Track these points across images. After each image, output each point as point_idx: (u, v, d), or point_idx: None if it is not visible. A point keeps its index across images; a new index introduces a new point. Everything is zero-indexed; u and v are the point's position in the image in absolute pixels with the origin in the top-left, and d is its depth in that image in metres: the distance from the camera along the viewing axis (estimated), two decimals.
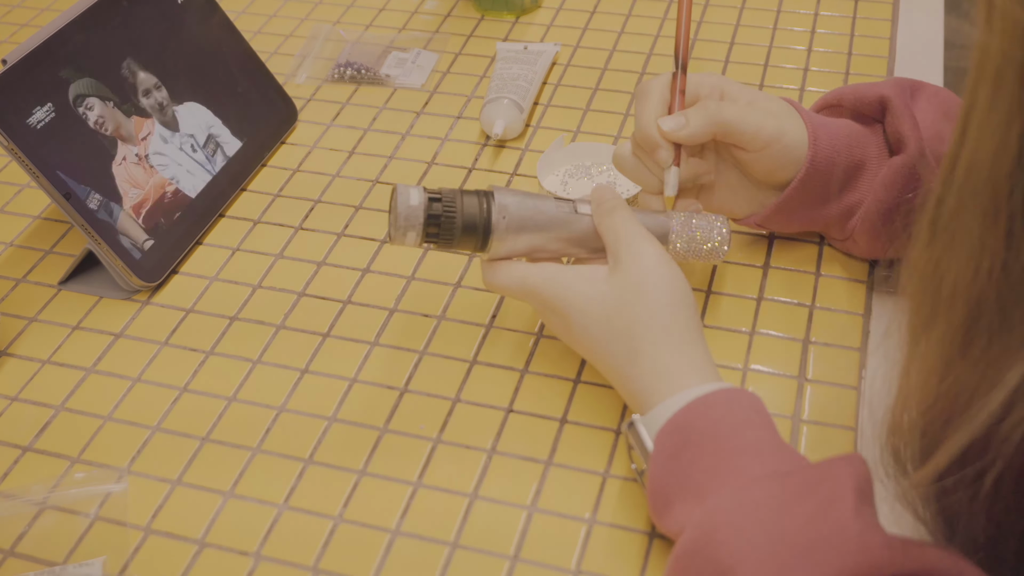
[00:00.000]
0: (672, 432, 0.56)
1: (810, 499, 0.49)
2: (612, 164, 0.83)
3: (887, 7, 1.03)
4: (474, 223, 0.64)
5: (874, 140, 0.71)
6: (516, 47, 0.97)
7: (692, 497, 0.53)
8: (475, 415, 0.67)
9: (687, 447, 0.55)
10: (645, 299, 0.60)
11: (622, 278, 0.61)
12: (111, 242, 0.75)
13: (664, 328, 0.60)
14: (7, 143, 0.72)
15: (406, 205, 0.63)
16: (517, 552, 0.60)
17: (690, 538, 0.51)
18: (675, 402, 0.57)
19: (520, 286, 0.64)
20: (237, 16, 1.08)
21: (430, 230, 0.63)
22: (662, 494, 0.55)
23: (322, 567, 0.60)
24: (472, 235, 0.64)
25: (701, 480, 0.53)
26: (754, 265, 0.76)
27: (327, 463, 0.65)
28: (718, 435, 0.54)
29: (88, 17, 0.79)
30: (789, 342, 0.70)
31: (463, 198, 0.64)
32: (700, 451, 0.54)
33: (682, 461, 0.55)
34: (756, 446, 0.54)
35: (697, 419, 0.56)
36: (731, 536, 0.49)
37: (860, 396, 0.66)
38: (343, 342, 0.73)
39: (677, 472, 0.55)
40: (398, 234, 0.63)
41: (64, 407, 0.70)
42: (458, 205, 0.63)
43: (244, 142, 0.88)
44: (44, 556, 0.61)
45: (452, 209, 0.63)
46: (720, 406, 0.56)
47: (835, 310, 0.72)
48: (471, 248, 0.65)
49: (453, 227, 0.63)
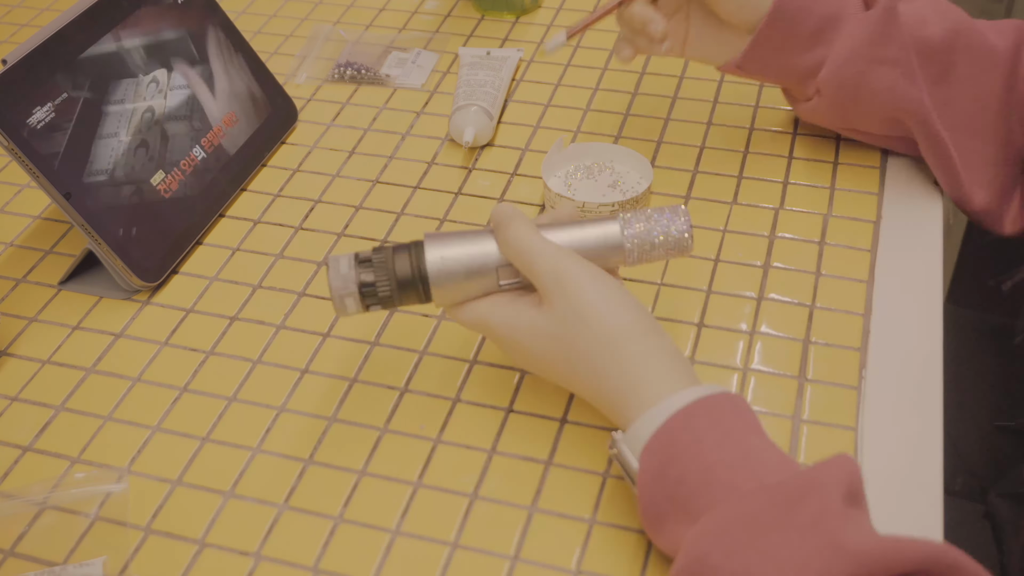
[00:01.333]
0: (655, 451, 0.54)
1: (800, 512, 0.48)
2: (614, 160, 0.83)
3: None
4: (409, 280, 0.62)
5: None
6: (479, 52, 0.97)
7: (683, 515, 0.53)
8: (475, 415, 0.67)
9: (673, 464, 0.54)
10: (588, 325, 0.58)
11: (557, 311, 0.59)
12: (111, 242, 0.75)
13: (620, 347, 0.57)
14: (7, 143, 0.72)
15: (337, 276, 0.62)
16: (517, 552, 0.60)
17: (684, 563, 0.51)
18: (653, 417, 0.55)
19: (482, 326, 0.62)
20: (237, 16, 1.08)
21: (368, 299, 0.62)
22: (653, 513, 0.55)
23: (322, 567, 0.60)
24: (411, 291, 0.62)
25: (689, 498, 0.52)
26: (754, 265, 0.76)
27: (327, 463, 0.65)
28: (702, 448, 0.53)
29: (88, 17, 0.79)
30: (789, 342, 0.70)
31: (394, 257, 0.62)
32: (686, 468, 0.53)
33: (669, 480, 0.54)
34: (742, 456, 0.53)
35: (679, 434, 0.54)
36: (723, 560, 0.49)
37: (860, 396, 0.66)
38: (343, 342, 0.73)
39: (665, 491, 0.54)
40: (338, 308, 0.62)
41: (64, 407, 0.70)
42: (389, 266, 0.62)
43: (244, 142, 0.88)
44: (44, 556, 0.61)
45: (384, 273, 0.62)
46: (701, 416, 0.54)
47: (835, 310, 0.72)
48: (416, 302, 0.63)
49: (390, 290, 0.62)
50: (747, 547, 0.48)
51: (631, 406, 0.57)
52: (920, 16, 0.74)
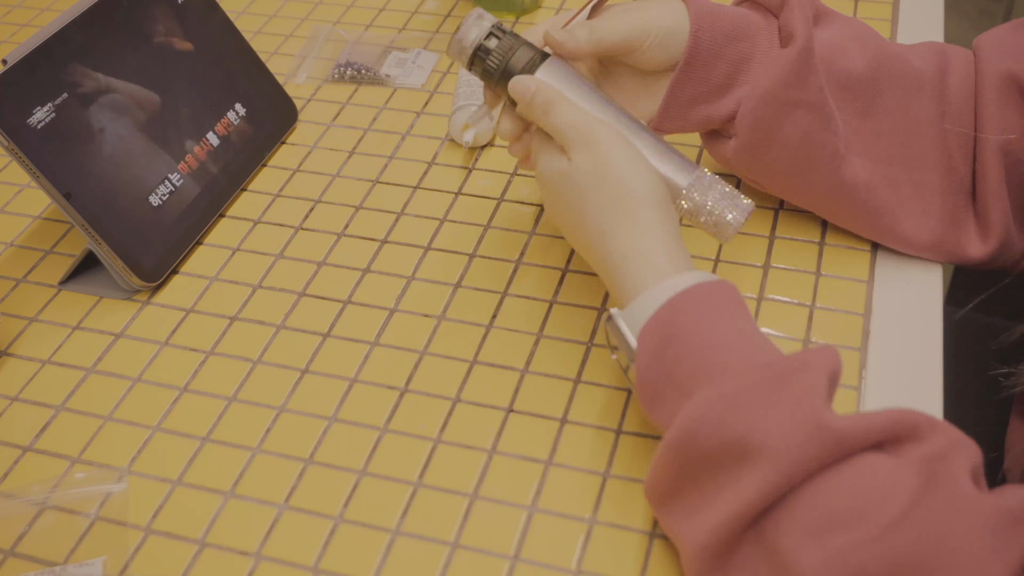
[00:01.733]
0: (654, 331, 0.57)
1: (787, 388, 0.52)
2: None
3: (887, 7, 1.03)
4: (513, 72, 0.67)
5: (766, 34, 0.71)
6: None
7: (678, 392, 0.56)
8: (475, 415, 0.67)
9: (671, 344, 0.57)
10: (608, 181, 0.62)
11: (581, 162, 0.63)
12: (111, 242, 0.75)
13: (632, 210, 0.61)
14: (7, 143, 0.72)
15: (466, 29, 0.67)
16: (517, 552, 0.60)
17: (676, 431, 0.54)
18: (653, 296, 0.58)
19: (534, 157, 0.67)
20: (237, 16, 1.08)
21: (476, 61, 0.68)
22: (650, 391, 0.58)
23: (322, 567, 0.60)
24: (505, 82, 0.67)
25: (685, 376, 0.56)
26: (754, 265, 0.76)
27: (327, 463, 0.65)
28: (699, 331, 0.56)
29: (88, 17, 0.79)
30: (789, 342, 0.70)
31: (519, 46, 0.67)
32: (683, 348, 0.56)
33: (666, 359, 0.57)
34: (735, 339, 0.56)
35: (677, 315, 0.57)
36: (714, 429, 0.52)
37: (860, 396, 0.66)
38: (343, 342, 0.73)
39: (663, 369, 0.57)
40: (454, 47, 0.68)
41: (64, 407, 0.70)
42: (511, 48, 0.67)
43: (244, 142, 0.88)
44: (44, 556, 0.61)
45: (503, 48, 0.67)
46: (699, 301, 0.57)
47: (835, 310, 0.72)
48: (503, 92, 0.68)
49: (498, 62, 0.67)
50: (736, 418, 0.52)
51: (634, 275, 0.60)
52: (840, 47, 0.70)
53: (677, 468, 0.54)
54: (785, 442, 0.50)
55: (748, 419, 0.51)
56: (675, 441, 0.54)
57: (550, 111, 0.64)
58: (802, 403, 0.51)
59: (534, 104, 0.65)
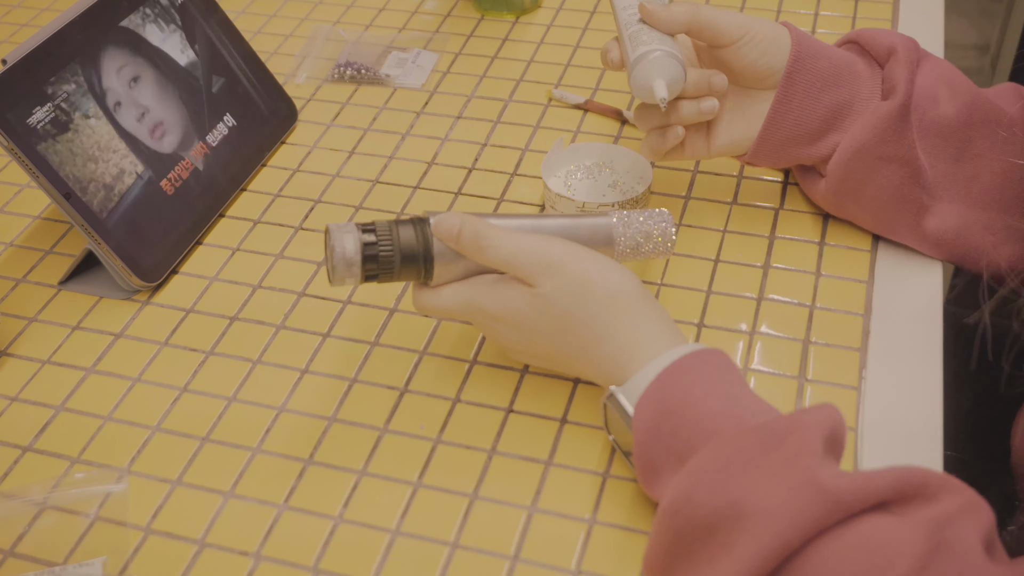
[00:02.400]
0: (649, 403, 0.57)
1: (780, 451, 0.51)
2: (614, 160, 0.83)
3: (887, 7, 1.03)
4: (413, 253, 0.62)
5: (868, 82, 0.72)
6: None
7: (675, 463, 0.56)
8: (475, 415, 0.67)
9: (666, 418, 0.56)
10: (584, 290, 0.61)
11: (554, 285, 0.61)
12: (111, 242, 0.75)
13: (614, 308, 0.61)
14: (7, 143, 0.72)
15: (340, 246, 0.61)
16: (517, 552, 0.60)
17: (670, 499, 0.53)
18: (648, 372, 0.58)
19: (465, 307, 0.63)
20: (237, 16, 1.08)
21: (368, 268, 0.61)
22: (649, 464, 0.57)
23: (322, 567, 0.60)
24: (413, 265, 0.62)
25: (681, 447, 0.55)
26: (754, 265, 0.76)
27: (327, 463, 0.65)
28: (692, 402, 0.56)
29: (88, 17, 0.79)
30: (789, 342, 0.70)
31: (398, 229, 0.62)
32: (679, 421, 0.56)
33: (663, 431, 0.56)
34: (727, 405, 0.56)
35: (669, 389, 0.57)
36: (707, 496, 0.51)
37: (860, 396, 0.66)
38: (343, 342, 0.73)
39: (660, 442, 0.57)
40: (336, 277, 0.61)
41: (64, 407, 0.70)
42: (394, 236, 0.61)
43: (244, 142, 0.88)
44: (44, 556, 0.61)
45: (388, 241, 0.61)
46: (689, 372, 0.57)
47: (835, 310, 0.72)
48: (414, 278, 0.63)
49: (392, 260, 0.61)
50: (729, 484, 0.51)
51: (632, 361, 0.60)
52: (932, 94, 0.71)
53: (672, 537, 0.53)
54: (780, 505, 0.48)
55: (742, 484, 0.50)
56: (669, 509, 0.53)
57: (483, 244, 0.61)
58: (795, 464, 0.49)
59: (463, 239, 0.61)
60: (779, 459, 0.50)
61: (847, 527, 0.48)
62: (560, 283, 0.61)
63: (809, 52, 0.72)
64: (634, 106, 0.75)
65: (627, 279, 0.62)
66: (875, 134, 0.70)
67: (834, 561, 0.47)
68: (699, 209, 0.81)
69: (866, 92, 0.72)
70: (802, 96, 0.71)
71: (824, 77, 0.71)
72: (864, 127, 0.70)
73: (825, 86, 0.71)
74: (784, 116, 0.72)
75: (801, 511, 0.48)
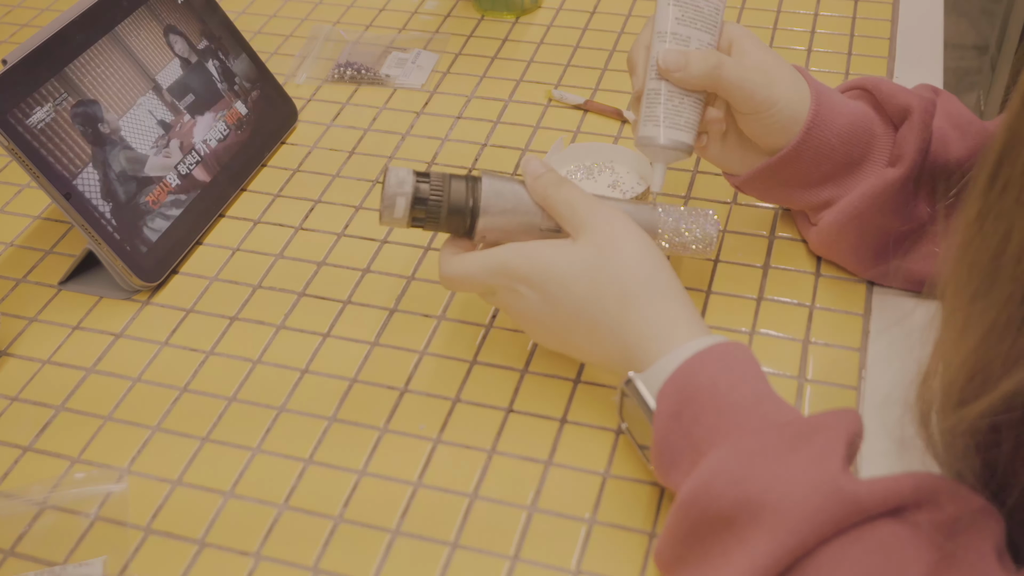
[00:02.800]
0: (672, 392, 0.57)
1: (804, 449, 0.51)
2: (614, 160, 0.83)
3: (887, 7, 1.03)
4: (460, 207, 0.64)
5: (882, 143, 0.70)
6: None
7: (695, 453, 0.55)
8: (475, 415, 0.67)
9: (688, 405, 0.56)
10: (622, 255, 0.60)
11: (592, 240, 0.61)
12: (111, 242, 0.75)
13: (647, 282, 0.60)
14: (7, 143, 0.72)
15: (394, 186, 0.64)
16: (517, 552, 0.60)
17: (690, 488, 0.53)
18: (671, 360, 0.57)
19: (495, 270, 0.63)
20: (237, 16, 1.08)
21: (416, 213, 0.64)
22: (667, 452, 0.56)
23: (322, 567, 0.60)
24: (458, 218, 0.65)
25: (702, 437, 0.55)
26: (754, 265, 0.76)
27: (327, 463, 0.65)
28: (716, 392, 0.56)
29: (88, 17, 0.79)
30: (789, 342, 0.70)
31: (451, 181, 0.65)
32: (701, 409, 0.55)
33: (684, 420, 0.56)
34: (752, 400, 0.55)
35: (695, 377, 0.56)
36: (726, 488, 0.51)
37: (860, 396, 0.66)
38: (343, 342, 0.73)
39: (680, 431, 0.56)
40: (386, 213, 0.64)
41: (64, 407, 0.70)
42: (445, 188, 0.64)
43: (244, 142, 0.88)
44: (44, 556, 0.61)
45: (439, 192, 0.64)
46: (716, 362, 0.57)
47: (835, 310, 0.72)
48: (458, 230, 0.65)
49: (440, 209, 0.64)
50: (750, 478, 0.50)
51: (653, 347, 0.59)
52: (941, 137, 0.69)
53: (688, 527, 0.52)
54: (800, 504, 0.48)
55: (763, 478, 0.50)
56: (688, 498, 0.52)
57: (562, 186, 0.63)
58: (819, 465, 0.49)
59: (546, 179, 0.64)
60: (803, 458, 0.50)
61: (862, 531, 0.48)
62: (601, 237, 0.61)
63: (827, 114, 0.68)
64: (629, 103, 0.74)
65: (663, 264, 0.61)
66: (875, 204, 0.68)
67: (847, 564, 0.47)
68: None
69: (876, 154, 0.70)
70: (812, 154, 0.69)
71: (839, 136, 0.69)
72: (865, 195, 0.68)
73: (838, 144, 0.69)
74: (788, 168, 0.70)
75: (820, 511, 0.48)
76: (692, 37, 0.68)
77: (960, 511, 0.48)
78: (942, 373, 0.47)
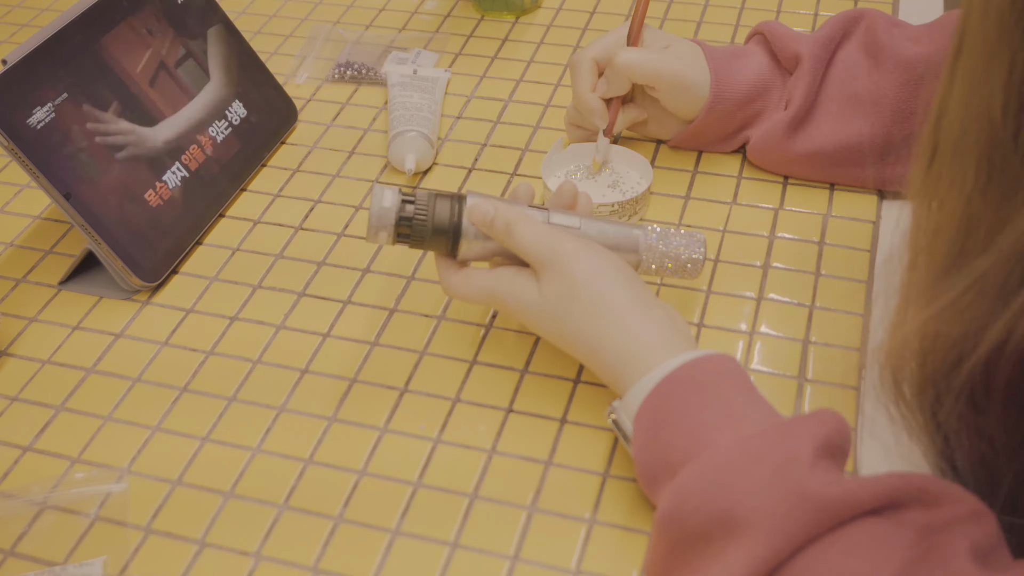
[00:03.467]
0: (646, 416, 0.58)
1: (768, 460, 0.51)
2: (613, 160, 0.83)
3: (887, 7, 1.03)
4: (444, 227, 0.66)
5: (778, 92, 0.81)
6: (405, 71, 0.94)
7: (670, 474, 0.56)
8: (475, 415, 0.67)
9: (663, 428, 0.57)
10: (580, 302, 0.62)
11: (553, 288, 0.63)
12: (111, 242, 0.75)
13: (611, 321, 0.61)
14: (7, 143, 0.72)
15: (379, 206, 0.65)
16: (517, 552, 0.60)
17: (663, 508, 0.53)
18: (643, 386, 0.59)
19: (479, 293, 0.66)
20: (237, 16, 1.08)
21: (401, 230, 0.66)
22: (648, 474, 0.58)
23: (322, 567, 0.60)
24: (442, 238, 0.66)
25: (677, 458, 0.55)
26: (754, 265, 0.76)
27: (327, 463, 0.65)
28: (687, 412, 0.56)
29: (88, 17, 0.79)
30: (789, 342, 0.70)
31: (436, 202, 0.66)
32: (674, 431, 0.56)
33: (660, 443, 0.57)
34: (725, 416, 0.56)
35: (667, 399, 0.57)
36: (699, 504, 0.51)
37: (860, 396, 0.66)
38: (343, 342, 0.73)
39: (657, 453, 0.57)
40: (371, 233, 0.66)
41: (64, 407, 0.70)
42: (430, 208, 0.65)
43: (244, 142, 0.88)
44: (44, 556, 0.61)
45: (424, 212, 0.65)
46: (687, 382, 0.57)
47: (835, 310, 0.72)
48: (441, 250, 0.67)
49: (424, 229, 0.65)
50: (720, 492, 0.51)
51: (626, 374, 0.60)
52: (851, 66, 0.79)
53: (667, 546, 0.53)
54: (768, 515, 0.48)
55: (731, 493, 0.50)
56: (663, 518, 0.53)
57: (512, 231, 0.65)
58: (782, 474, 0.50)
59: (495, 225, 0.65)
60: (768, 468, 0.50)
61: (837, 535, 0.48)
62: (555, 284, 0.63)
63: (725, 86, 0.80)
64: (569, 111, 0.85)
65: (623, 291, 0.62)
66: (774, 140, 0.80)
67: (822, 569, 0.47)
68: (699, 209, 0.81)
69: (775, 102, 0.81)
70: (719, 118, 0.81)
71: (738, 102, 0.80)
72: (764, 135, 0.81)
73: (739, 108, 0.81)
74: (702, 131, 0.83)
75: (789, 520, 0.48)
76: None
77: (949, 510, 0.47)
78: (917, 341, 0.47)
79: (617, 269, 0.63)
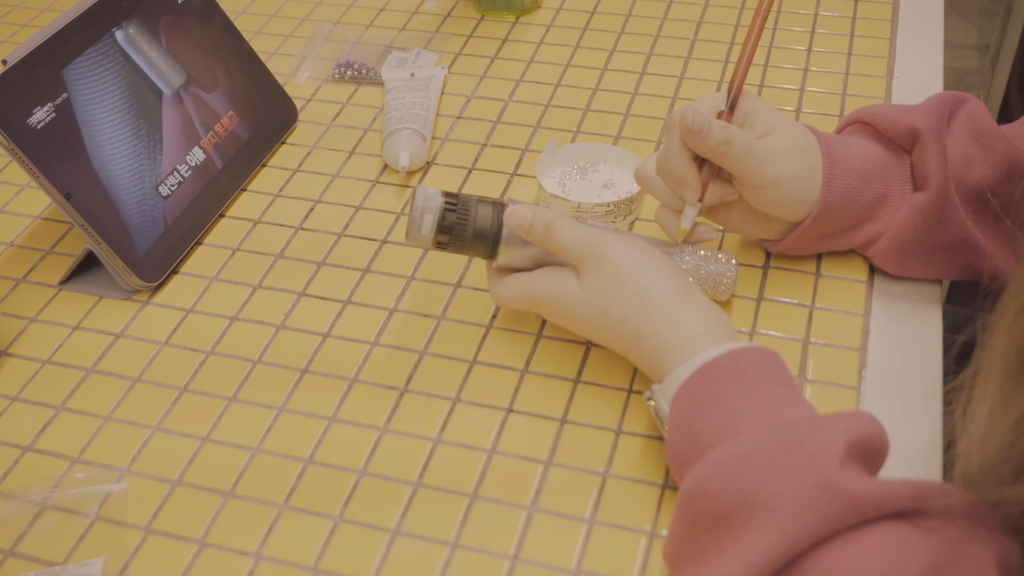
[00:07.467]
0: (684, 399, 0.58)
1: (799, 450, 0.51)
2: (608, 161, 0.83)
3: (887, 7, 1.03)
4: (485, 233, 0.67)
5: (898, 172, 0.70)
6: (403, 75, 0.94)
7: (699, 456, 0.56)
8: (475, 415, 0.67)
9: (699, 412, 0.57)
10: (625, 291, 0.63)
11: (596, 281, 0.64)
12: (111, 242, 0.75)
13: (654, 310, 0.62)
14: (7, 143, 0.72)
15: (422, 209, 0.66)
16: (517, 552, 0.60)
17: (687, 486, 0.54)
18: (684, 369, 0.59)
19: (522, 295, 0.67)
20: (237, 16, 1.08)
21: (441, 238, 0.67)
22: (678, 456, 0.58)
23: (322, 567, 0.60)
24: (482, 243, 0.67)
25: (708, 441, 0.56)
26: (754, 265, 0.76)
27: (327, 463, 0.65)
28: (726, 398, 0.57)
29: (88, 17, 0.79)
30: (789, 342, 0.70)
31: (478, 207, 0.67)
32: (709, 415, 0.57)
33: (693, 426, 0.57)
34: (762, 405, 0.56)
35: (706, 384, 0.58)
36: (722, 487, 0.52)
37: (860, 396, 0.66)
38: (343, 342, 0.73)
39: (690, 436, 0.57)
40: (412, 236, 0.67)
41: (64, 407, 0.70)
42: (472, 214, 0.67)
43: (244, 142, 0.88)
44: (44, 556, 0.61)
45: (465, 218, 0.67)
46: (727, 369, 0.58)
47: (835, 310, 0.72)
48: (480, 254, 0.68)
49: (464, 235, 0.67)
50: (744, 478, 0.51)
51: (669, 360, 0.61)
52: (965, 159, 0.68)
53: (687, 525, 0.53)
54: (791, 504, 0.48)
55: (757, 479, 0.51)
56: (686, 496, 0.53)
57: (551, 232, 0.65)
58: (812, 465, 0.49)
59: (534, 229, 0.66)
60: (797, 458, 0.50)
61: (860, 532, 0.47)
62: (598, 277, 0.64)
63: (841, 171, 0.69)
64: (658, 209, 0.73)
65: (665, 280, 0.63)
66: (920, 227, 0.68)
67: (842, 564, 0.47)
68: None
69: (898, 183, 0.70)
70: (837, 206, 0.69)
71: (858, 178, 0.69)
72: (906, 224, 0.69)
73: (860, 186, 0.69)
74: (819, 224, 0.70)
75: (812, 511, 0.47)
76: None
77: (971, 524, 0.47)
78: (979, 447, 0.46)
79: (660, 260, 0.64)
